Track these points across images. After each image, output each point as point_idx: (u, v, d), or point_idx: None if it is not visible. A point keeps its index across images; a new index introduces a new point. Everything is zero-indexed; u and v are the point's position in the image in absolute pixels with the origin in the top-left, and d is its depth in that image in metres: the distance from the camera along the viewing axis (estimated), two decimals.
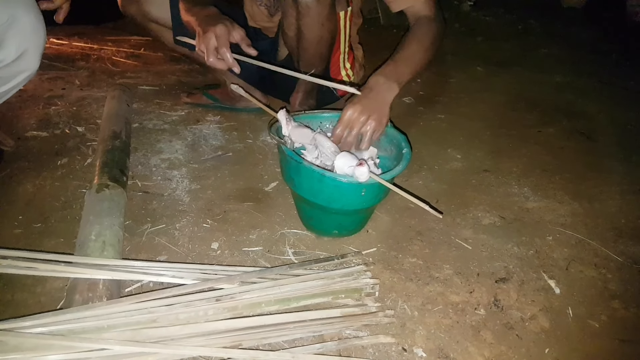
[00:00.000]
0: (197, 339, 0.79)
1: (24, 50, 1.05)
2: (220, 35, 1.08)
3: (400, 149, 1.08)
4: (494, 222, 1.24)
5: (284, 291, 0.90)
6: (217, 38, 1.08)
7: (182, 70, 2.07)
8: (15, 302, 0.90)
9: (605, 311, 1.00)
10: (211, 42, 1.07)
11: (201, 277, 0.92)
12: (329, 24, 1.31)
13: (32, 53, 1.07)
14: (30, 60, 1.08)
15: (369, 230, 1.17)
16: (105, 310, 0.80)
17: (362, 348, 0.86)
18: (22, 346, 0.72)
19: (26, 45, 1.05)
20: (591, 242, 1.19)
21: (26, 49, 1.05)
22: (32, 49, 1.07)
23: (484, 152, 1.58)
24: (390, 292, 0.99)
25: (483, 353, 0.88)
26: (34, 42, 1.06)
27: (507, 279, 1.06)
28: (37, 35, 1.06)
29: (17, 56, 1.05)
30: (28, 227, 1.10)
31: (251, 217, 1.19)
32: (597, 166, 1.55)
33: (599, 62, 2.61)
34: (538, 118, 1.86)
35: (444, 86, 2.13)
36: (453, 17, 3.36)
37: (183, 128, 1.58)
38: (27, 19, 1.03)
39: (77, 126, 1.53)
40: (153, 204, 1.20)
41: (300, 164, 0.98)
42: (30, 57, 1.07)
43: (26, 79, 1.11)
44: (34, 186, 1.23)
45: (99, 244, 0.94)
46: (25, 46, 1.05)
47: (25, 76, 1.10)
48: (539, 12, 3.51)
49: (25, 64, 1.08)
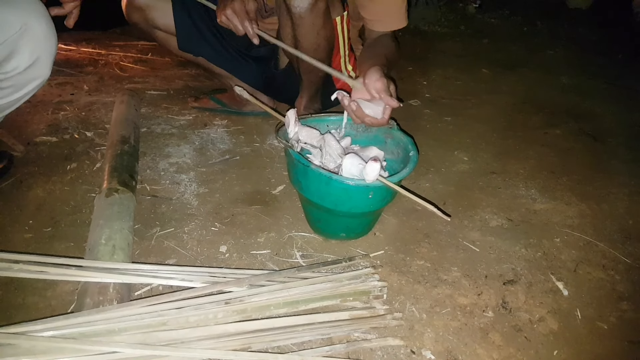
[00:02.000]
0: (207, 342, 0.80)
1: (37, 57, 1.06)
2: (239, 10, 1.24)
3: (407, 152, 1.08)
4: (502, 224, 1.24)
5: (293, 294, 0.90)
6: (235, 12, 1.24)
7: (190, 75, 2.08)
8: (27, 305, 0.91)
9: (614, 313, 0.99)
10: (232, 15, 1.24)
11: (210, 280, 0.93)
12: (325, 31, 1.32)
13: (45, 60, 1.09)
14: (42, 67, 1.09)
15: (377, 233, 1.18)
16: (116, 314, 0.80)
17: (371, 350, 0.86)
18: (34, 349, 0.73)
19: (39, 53, 1.06)
20: (599, 243, 1.19)
21: (39, 57, 1.06)
22: (44, 57, 1.08)
23: (491, 154, 1.58)
24: (398, 295, 0.99)
25: (492, 355, 0.88)
26: (47, 50, 1.07)
27: (515, 281, 1.06)
28: (49, 42, 1.07)
29: (30, 64, 1.06)
30: (38, 231, 1.11)
31: (259, 220, 1.19)
32: (604, 167, 1.54)
33: (606, 63, 2.61)
34: (545, 120, 1.86)
35: (450, 88, 2.13)
36: (458, 19, 3.37)
37: (191, 132, 1.59)
38: (40, 27, 1.04)
39: (86, 131, 1.54)
40: (162, 207, 1.21)
41: (307, 167, 0.99)
42: (43, 64, 1.09)
43: (38, 86, 1.13)
44: (44, 191, 1.24)
45: (109, 247, 0.94)
46: (37, 54, 1.06)
47: (37, 83, 1.12)
48: (545, 14, 3.51)
49: (37, 71, 1.09)
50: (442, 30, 3.13)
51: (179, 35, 1.51)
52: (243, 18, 1.24)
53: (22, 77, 1.07)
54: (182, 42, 1.53)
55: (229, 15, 1.24)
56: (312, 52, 1.35)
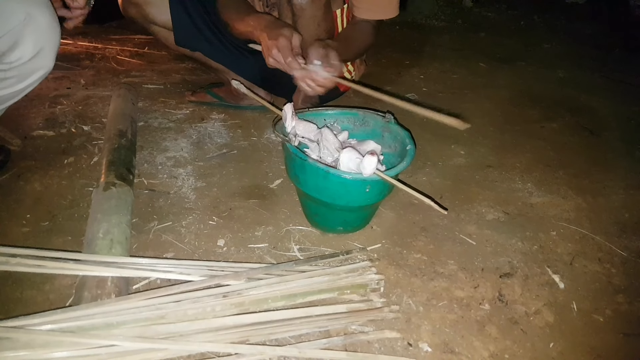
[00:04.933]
0: (205, 335, 0.80)
1: (41, 48, 1.06)
2: (284, 47, 1.11)
3: (404, 146, 1.08)
4: (498, 217, 1.25)
5: (290, 287, 0.90)
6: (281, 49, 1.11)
7: (187, 69, 2.08)
8: (25, 299, 0.91)
9: (610, 305, 1.00)
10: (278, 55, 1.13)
11: (208, 273, 0.93)
12: (325, 23, 1.32)
13: (48, 51, 1.09)
14: (46, 58, 1.09)
15: (374, 227, 1.18)
16: (114, 307, 0.81)
17: (368, 343, 0.86)
18: (32, 343, 0.73)
19: (42, 44, 1.06)
20: (595, 236, 1.20)
21: (42, 47, 1.06)
22: (48, 47, 1.08)
23: (488, 147, 1.59)
24: (395, 288, 1.00)
25: (488, 347, 0.88)
26: (50, 40, 1.07)
27: (512, 274, 1.06)
28: (53, 33, 1.07)
29: (34, 54, 1.06)
30: (36, 225, 1.11)
31: (256, 214, 1.20)
32: (601, 161, 1.55)
33: (602, 57, 2.61)
34: (541, 113, 1.87)
35: (447, 82, 2.13)
36: (455, 13, 3.37)
37: (188, 126, 1.59)
38: (43, 17, 1.04)
39: (83, 125, 1.54)
40: (159, 201, 1.21)
41: (305, 162, 0.99)
42: (46, 55, 1.09)
43: (41, 77, 1.13)
44: (41, 185, 1.24)
45: (106, 241, 0.94)
46: (41, 44, 1.06)
47: (40, 74, 1.12)
48: (542, 8, 3.51)
49: (41, 62, 1.09)
50: (439, 24, 3.13)
51: (176, 30, 1.50)
52: (287, 56, 1.12)
53: (26, 68, 1.08)
54: (178, 37, 1.52)
55: (275, 56, 1.14)
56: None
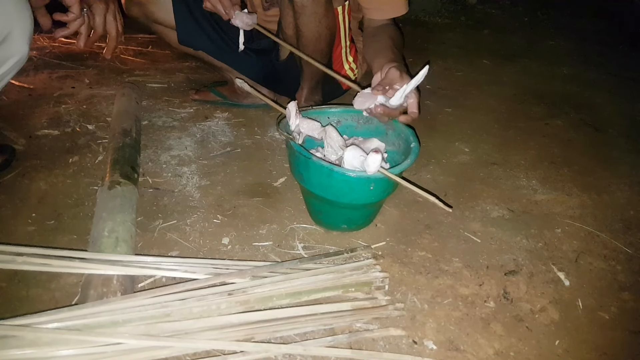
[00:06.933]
0: (211, 333, 0.80)
1: (8, 32, 1.00)
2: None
3: (409, 143, 1.08)
4: (503, 215, 1.25)
5: (295, 285, 0.90)
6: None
7: (190, 68, 2.08)
8: (31, 298, 0.92)
9: (615, 303, 1.00)
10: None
11: (213, 271, 0.93)
12: (327, 20, 1.32)
13: (18, 36, 1.02)
14: (16, 43, 1.02)
15: (378, 224, 1.18)
16: (120, 305, 0.81)
17: (373, 341, 0.86)
18: (38, 341, 0.74)
19: (10, 27, 0.99)
20: (600, 234, 1.19)
21: (10, 31, 1.00)
22: (17, 32, 1.01)
23: (492, 145, 1.59)
24: (400, 285, 1.00)
25: (493, 345, 0.88)
26: (19, 24, 1.00)
27: (517, 271, 1.06)
28: (21, 16, 1.00)
29: (2, 39, 1.00)
30: (41, 224, 1.11)
31: (261, 212, 1.20)
32: (606, 158, 1.55)
33: (606, 54, 2.60)
34: (545, 110, 1.86)
35: (451, 79, 2.13)
36: (459, 10, 3.36)
37: (192, 125, 1.59)
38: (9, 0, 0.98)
39: (87, 124, 1.54)
40: (164, 200, 1.22)
41: (309, 159, 0.99)
42: (16, 40, 1.02)
43: (16, 65, 1.06)
44: (46, 184, 1.24)
45: (112, 240, 0.95)
46: (9, 28, 0.99)
47: (14, 62, 1.05)
48: (546, 4, 3.49)
49: (11, 47, 1.02)
50: (442, 21, 3.12)
51: (179, 30, 1.51)
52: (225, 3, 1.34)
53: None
54: (182, 36, 1.52)
55: (213, 2, 1.35)
56: (314, 41, 1.35)
